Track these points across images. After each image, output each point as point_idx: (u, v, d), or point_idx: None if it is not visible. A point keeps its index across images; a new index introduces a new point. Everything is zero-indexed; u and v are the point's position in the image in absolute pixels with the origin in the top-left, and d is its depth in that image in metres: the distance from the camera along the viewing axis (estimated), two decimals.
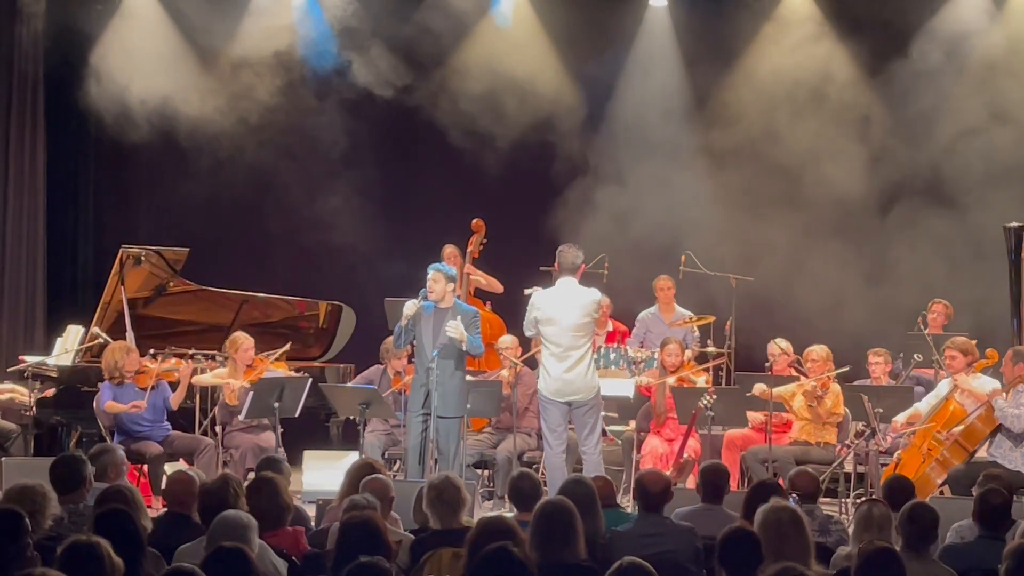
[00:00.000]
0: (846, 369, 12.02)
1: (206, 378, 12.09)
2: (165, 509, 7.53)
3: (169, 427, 11.84)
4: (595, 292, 11.09)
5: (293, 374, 12.26)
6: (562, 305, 10.91)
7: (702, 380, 12.29)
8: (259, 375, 11.89)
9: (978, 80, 14.71)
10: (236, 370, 12.04)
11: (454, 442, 10.92)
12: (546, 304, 10.97)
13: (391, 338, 12.35)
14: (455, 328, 10.81)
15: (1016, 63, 14.73)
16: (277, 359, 12.39)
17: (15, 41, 14.80)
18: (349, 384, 12.67)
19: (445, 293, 11.00)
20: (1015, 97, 14.66)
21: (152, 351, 12.34)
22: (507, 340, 12.57)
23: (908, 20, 14.93)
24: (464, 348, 10.92)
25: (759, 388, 11.78)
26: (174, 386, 11.95)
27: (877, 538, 6.49)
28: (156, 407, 11.74)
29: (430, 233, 14.59)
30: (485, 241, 13.93)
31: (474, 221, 13.95)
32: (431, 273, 11.06)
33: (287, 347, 12.66)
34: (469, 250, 13.85)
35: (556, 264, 11.18)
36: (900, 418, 11.30)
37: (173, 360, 12.17)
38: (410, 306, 10.92)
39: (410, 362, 12.13)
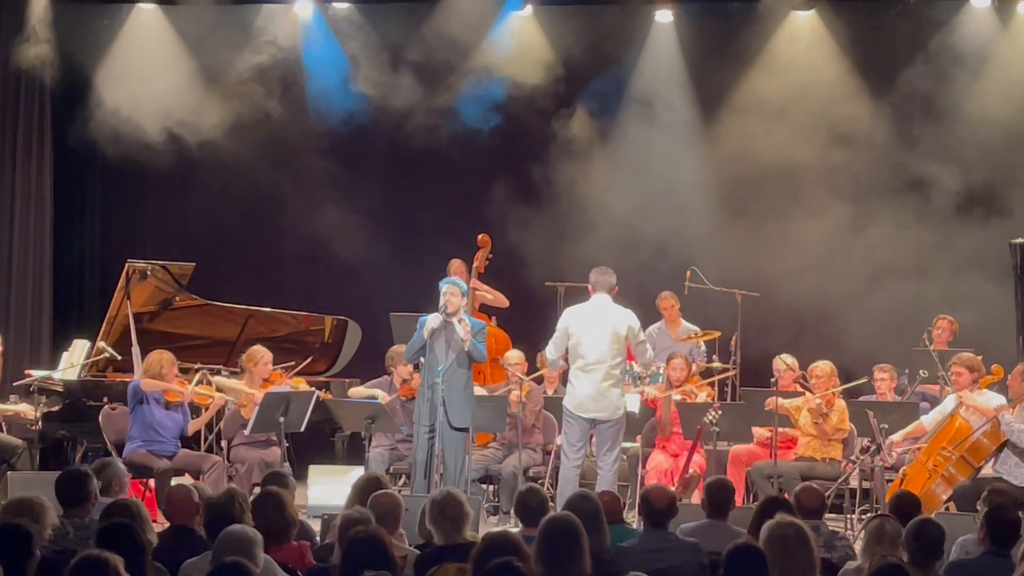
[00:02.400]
0: (863, 381, 12.05)
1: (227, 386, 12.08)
2: (169, 524, 7.53)
3: (179, 444, 11.83)
4: (631, 314, 11.11)
5: (310, 389, 12.24)
6: (594, 320, 10.97)
7: (703, 396, 12.27)
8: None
9: (984, 93, 14.69)
10: (253, 383, 12.04)
11: (460, 455, 10.93)
12: (574, 321, 11.01)
13: (397, 345, 12.38)
14: (463, 330, 10.88)
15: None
16: (296, 373, 12.42)
17: (22, 58, 14.81)
18: (360, 388, 12.66)
19: (460, 307, 11.06)
20: None
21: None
22: (514, 356, 12.56)
23: (914, 35, 14.93)
24: (466, 349, 10.95)
25: (772, 401, 11.79)
26: (195, 409, 11.93)
27: (887, 553, 6.49)
28: (176, 423, 11.72)
29: (435, 248, 14.62)
30: (491, 256, 13.94)
31: (480, 236, 13.96)
32: (447, 287, 11.08)
33: (291, 364, 12.71)
34: (475, 265, 13.85)
35: (590, 286, 11.18)
36: (896, 436, 11.29)
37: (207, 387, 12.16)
38: (435, 319, 10.93)
39: (417, 369, 12.19)
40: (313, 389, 12.20)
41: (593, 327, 10.95)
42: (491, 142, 15.17)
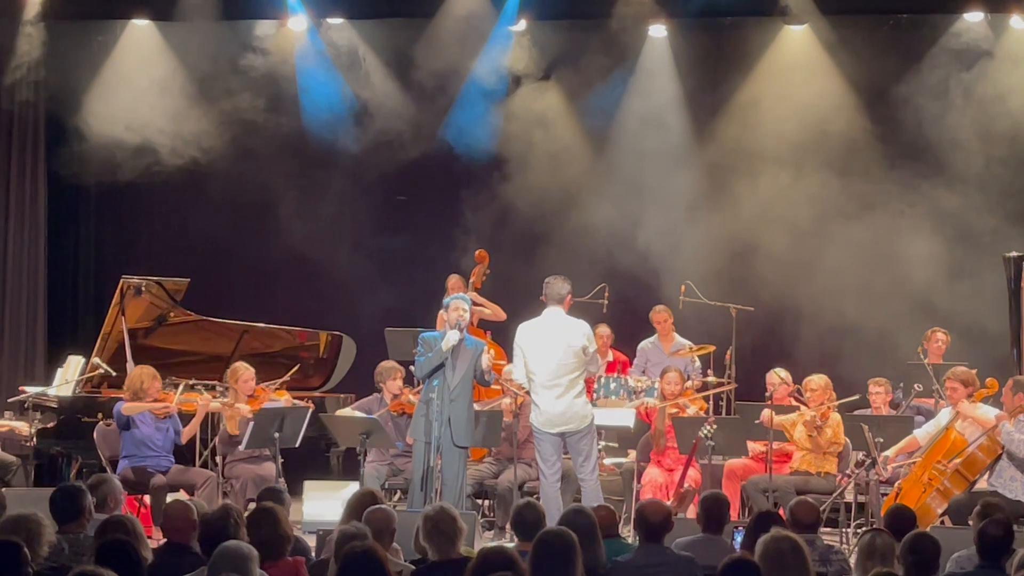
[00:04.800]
0: (856, 398, 12.06)
1: (214, 404, 12.06)
2: (164, 540, 7.53)
3: (173, 460, 11.82)
4: (583, 324, 11.07)
5: (298, 403, 12.23)
6: (547, 336, 10.90)
7: (693, 409, 12.26)
8: (261, 404, 11.90)
9: (978, 106, 14.70)
10: (238, 400, 12.03)
11: (461, 472, 10.93)
12: (531, 335, 10.97)
13: (386, 361, 12.40)
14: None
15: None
16: (279, 387, 12.39)
17: (16, 74, 14.81)
18: (348, 408, 12.68)
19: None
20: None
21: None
22: (509, 371, 12.55)
23: (907, 48, 14.97)
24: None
25: (766, 414, 11.78)
26: (186, 419, 11.91)
27: (880, 568, 6.49)
28: (167, 436, 11.72)
29: (429, 263, 14.63)
30: (488, 272, 13.95)
31: (477, 252, 13.97)
32: (454, 303, 11.08)
33: (294, 370, 12.68)
34: (472, 280, 13.86)
35: (543, 295, 11.15)
36: (889, 452, 11.27)
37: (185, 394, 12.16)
38: (454, 337, 10.91)
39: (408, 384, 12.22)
40: (309, 405, 12.19)
41: (546, 343, 10.87)
42: (485, 156, 15.18)
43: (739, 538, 7.66)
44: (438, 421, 10.76)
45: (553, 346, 10.86)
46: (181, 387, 12.01)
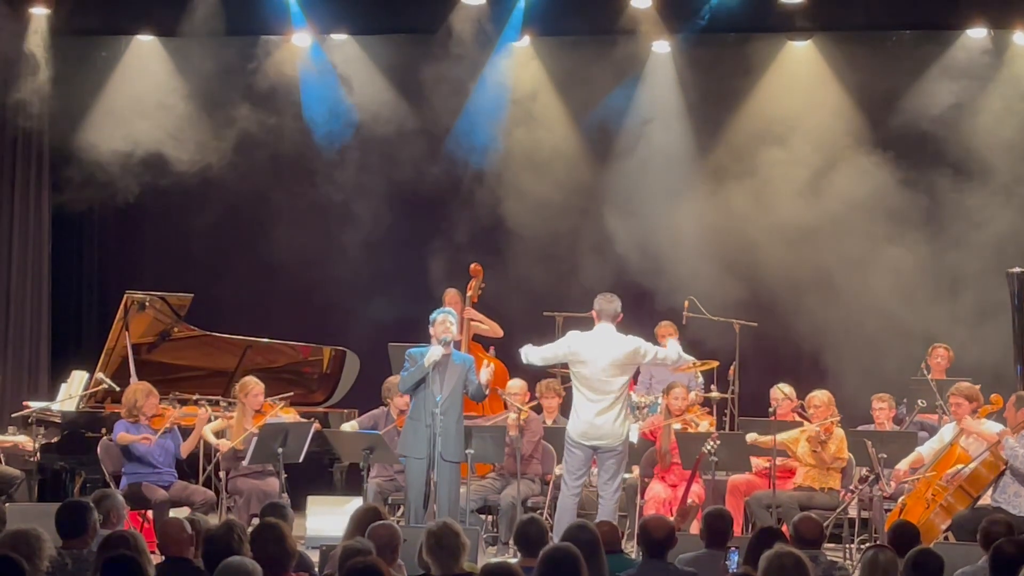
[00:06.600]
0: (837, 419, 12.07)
1: (208, 435, 12.03)
2: (163, 557, 7.52)
3: (175, 475, 11.83)
4: (634, 340, 11.09)
5: (302, 420, 12.23)
6: (598, 349, 10.94)
7: (705, 424, 12.27)
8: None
9: (981, 122, 14.71)
10: (245, 414, 12.01)
11: (455, 487, 10.93)
12: (583, 347, 11.00)
13: (394, 377, 12.39)
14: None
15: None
16: (285, 406, 12.39)
17: (20, 91, 14.83)
18: (353, 422, 12.68)
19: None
20: None
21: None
22: (515, 386, 12.57)
23: (911, 64, 14.98)
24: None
25: (751, 437, 11.79)
26: (186, 433, 11.92)
27: None
28: (167, 451, 11.73)
29: (428, 278, 14.64)
30: (484, 285, 13.95)
31: (472, 266, 13.96)
32: (441, 316, 11.07)
33: (290, 395, 12.68)
34: (468, 295, 13.85)
35: (595, 313, 11.15)
36: (902, 465, 11.27)
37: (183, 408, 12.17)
38: (438, 352, 10.91)
39: None
40: (312, 420, 12.19)
41: (598, 357, 10.92)
42: (486, 171, 15.20)
43: (734, 558, 7.64)
44: (440, 436, 10.77)
45: (604, 361, 10.91)
46: (177, 407, 12.03)
